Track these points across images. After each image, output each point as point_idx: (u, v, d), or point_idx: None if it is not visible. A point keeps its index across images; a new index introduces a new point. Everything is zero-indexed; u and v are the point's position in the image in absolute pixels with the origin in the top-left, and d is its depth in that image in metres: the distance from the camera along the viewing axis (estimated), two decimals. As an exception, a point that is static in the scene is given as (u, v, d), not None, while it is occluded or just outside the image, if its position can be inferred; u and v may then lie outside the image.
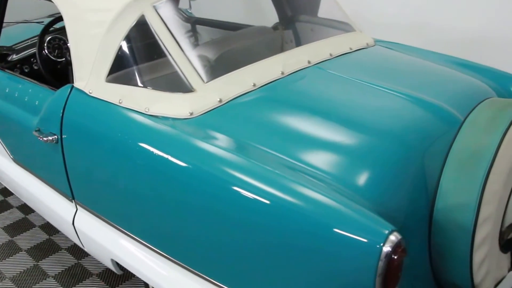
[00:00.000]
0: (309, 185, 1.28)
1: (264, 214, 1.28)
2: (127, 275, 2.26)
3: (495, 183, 1.38)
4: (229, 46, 2.02)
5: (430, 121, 1.55)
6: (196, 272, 1.50)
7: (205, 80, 1.64)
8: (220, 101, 1.62)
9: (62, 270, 2.34)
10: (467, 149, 1.43)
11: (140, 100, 1.65)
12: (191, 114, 1.58)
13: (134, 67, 1.76)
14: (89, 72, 1.77)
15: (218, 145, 1.45)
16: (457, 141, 1.47)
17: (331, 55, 1.93)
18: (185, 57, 1.66)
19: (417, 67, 1.92)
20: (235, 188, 1.33)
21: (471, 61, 2.08)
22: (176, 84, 1.65)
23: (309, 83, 1.76)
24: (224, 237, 1.37)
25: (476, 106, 1.59)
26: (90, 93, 1.76)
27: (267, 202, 1.27)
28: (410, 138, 1.48)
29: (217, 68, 1.82)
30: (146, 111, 1.62)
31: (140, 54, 1.78)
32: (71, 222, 1.93)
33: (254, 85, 1.69)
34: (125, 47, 1.73)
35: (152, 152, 1.50)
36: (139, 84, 1.73)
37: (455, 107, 1.60)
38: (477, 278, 1.44)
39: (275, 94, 1.68)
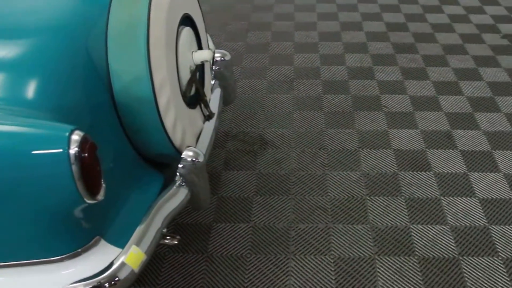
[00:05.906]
0: None
1: None
2: None
3: (157, 48, 1.40)
4: None
5: (81, 8, 1.45)
6: None
7: None
8: None
9: None
10: (121, 24, 1.39)
11: None
12: None
13: None
14: None
15: None
16: (110, 19, 1.41)
17: None
18: None
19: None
20: None
21: None
22: None
23: None
24: None
25: None
26: None
27: None
28: (66, 30, 1.36)
29: None
30: None
31: None
32: None
33: None
34: None
35: None
36: None
37: None
38: (176, 141, 1.52)
39: None
